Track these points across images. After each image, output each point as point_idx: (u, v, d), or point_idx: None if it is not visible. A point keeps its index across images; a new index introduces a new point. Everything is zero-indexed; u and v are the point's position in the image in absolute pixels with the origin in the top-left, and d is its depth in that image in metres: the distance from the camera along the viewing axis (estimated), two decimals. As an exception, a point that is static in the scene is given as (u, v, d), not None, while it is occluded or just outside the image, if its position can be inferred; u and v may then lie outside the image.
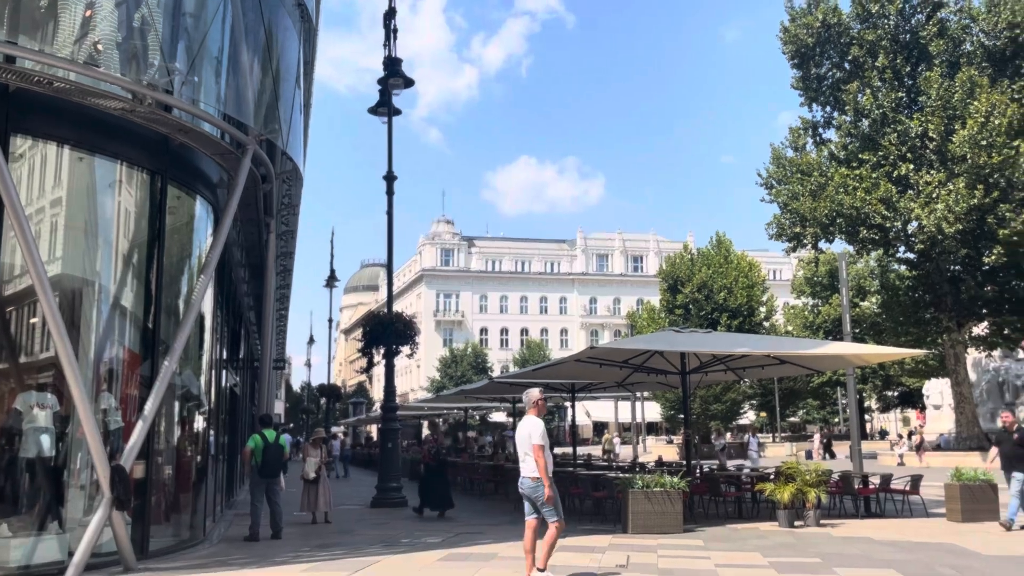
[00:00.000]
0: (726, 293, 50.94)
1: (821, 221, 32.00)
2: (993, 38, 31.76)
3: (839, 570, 8.81)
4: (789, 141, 35.47)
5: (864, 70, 32.62)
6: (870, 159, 31.85)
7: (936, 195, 29.49)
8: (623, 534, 11.91)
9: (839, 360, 17.60)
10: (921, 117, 30.78)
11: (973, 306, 33.21)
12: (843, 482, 14.89)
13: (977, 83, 29.70)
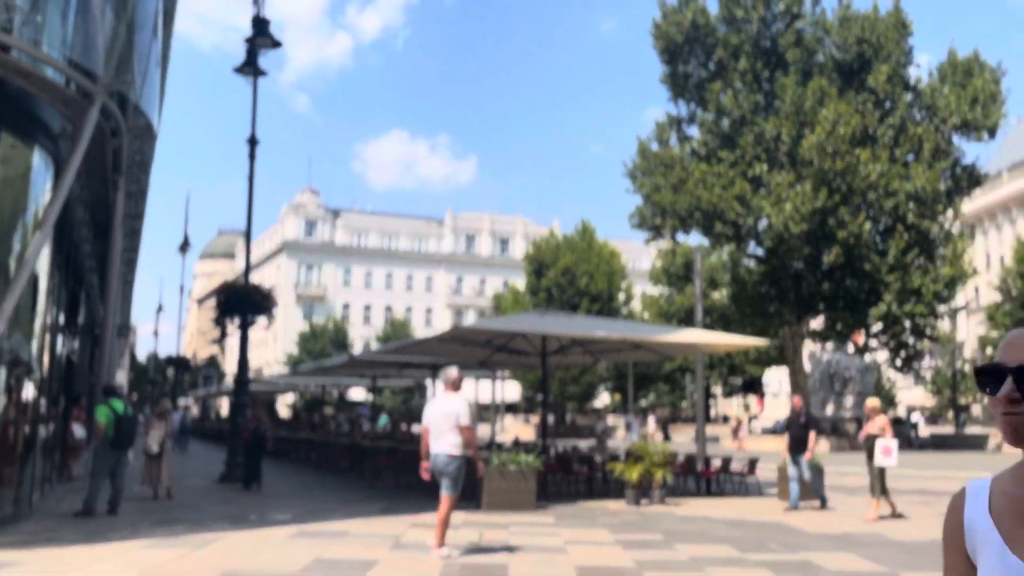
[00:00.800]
0: (588, 279, 52.27)
1: (680, 214, 33.33)
2: (843, 51, 33.94)
3: (679, 546, 9.23)
4: (655, 135, 36.67)
5: (727, 71, 34.12)
6: (728, 157, 33.41)
7: (785, 195, 31.31)
8: (477, 511, 12.02)
9: (690, 347, 18.41)
10: (776, 121, 32.55)
11: (812, 302, 35.55)
12: (687, 463, 15.62)
13: (827, 92, 31.69)
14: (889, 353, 37.81)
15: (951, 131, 33.81)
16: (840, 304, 35.29)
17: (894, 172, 31.70)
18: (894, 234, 32.84)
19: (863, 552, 8.97)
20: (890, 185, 31.30)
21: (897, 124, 33.31)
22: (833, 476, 17.91)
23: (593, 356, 18.52)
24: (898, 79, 34.02)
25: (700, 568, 7.98)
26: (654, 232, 36.07)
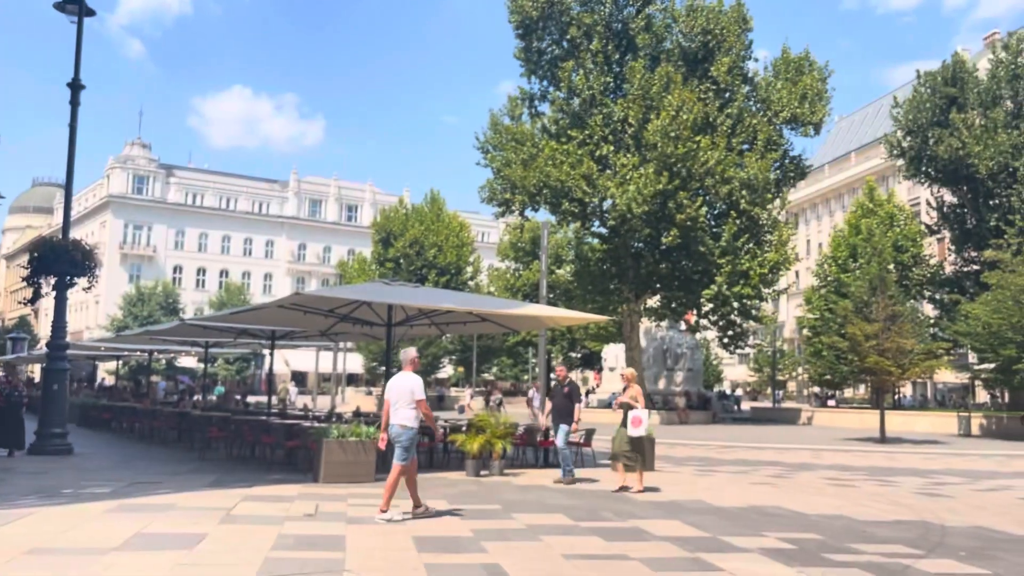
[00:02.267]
0: (436, 250, 52.12)
1: (529, 190, 33.74)
2: (689, 40, 35.29)
3: (516, 515, 9.37)
4: (507, 109, 36.83)
5: (580, 51, 34.69)
6: (578, 136, 34.07)
7: (629, 177, 32.32)
8: (314, 483, 11.71)
9: (534, 321, 18.72)
10: (624, 103, 33.46)
11: (650, 281, 37.06)
12: (527, 434, 15.91)
13: (673, 79, 32.87)
14: (718, 332, 40.10)
15: (782, 124, 36.03)
16: (676, 284, 36.97)
17: (730, 160, 33.42)
18: (727, 219, 34.68)
19: (688, 519, 9.44)
20: (726, 172, 32.98)
21: (735, 114, 35.10)
22: (663, 447, 18.82)
23: (439, 328, 18.45)
24: (738, 71, 35.82)
25: (536, 536, 8.12)
26: (504, 207, 36.36)
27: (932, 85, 38.17)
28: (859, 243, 42.60)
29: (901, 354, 25.43)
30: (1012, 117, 35.81)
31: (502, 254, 64.99)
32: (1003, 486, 14.16)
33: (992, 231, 35.13)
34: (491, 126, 36.26)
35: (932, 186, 40.21)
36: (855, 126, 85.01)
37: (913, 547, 8.00)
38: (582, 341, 60.22)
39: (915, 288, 41.05)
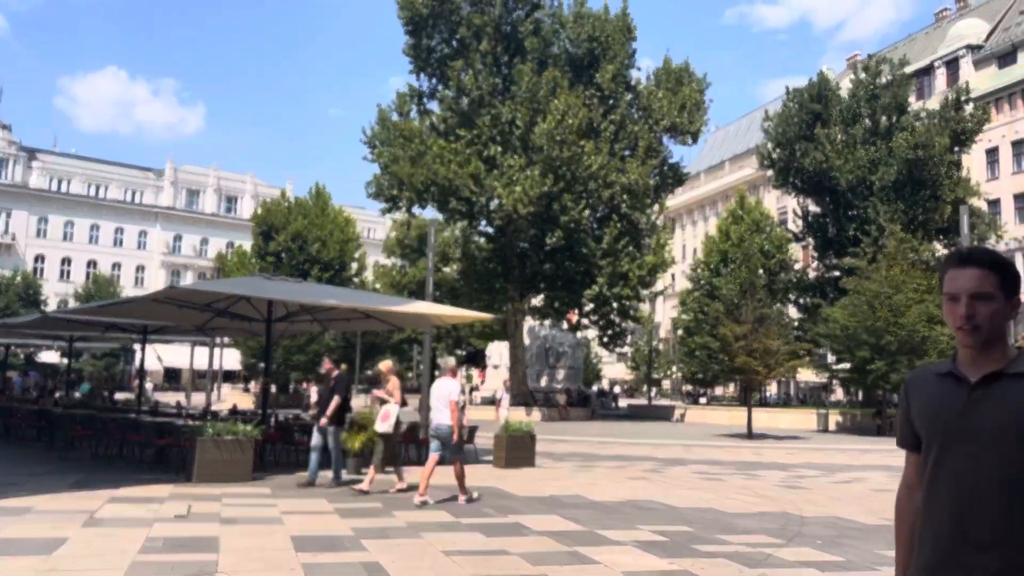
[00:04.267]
0: (320, 245, 51.08)
1: (417, 187, 33.60)
2: (576, 46, 36.01)
3: (397, 513, 9.36)
4: (396, 105, 36.55)
5: (469, 51, 34.81)
6: (466, 136, 34.19)
7: (516, 178, 32.70)
8: (187, 483, 11.31)
9: (420, 319, 18.67)
10: (512, 105, 33.82)
11: (534, 280, 37.61)
12: (410, 432, 15.88)
13: (559, 84, 33.47)
14: (598, 331, 41.08)
15: (662, 132, 37.31)
16: (559, 284, 37.66)
17: (612, 165, 34.32)
18: (609, 222, 35.60)
19: (566, 513, 9.68)
20: (608, 177, 33.85)
21: (618, 121, 36.07)
22: (544, 443, 19.16)
23: (322, 325, 18.13)
24: (621, 79, 36.82)
25: (417, 534, 8.14)
26: (390, 203, 36.06)
27: (800, 101, 40.42)
28: (730, 248, 44.56)
29: (767, 354, 26.81)
30: (870, 134, 38.36)
31: (388, 251, 64.35)
32: (856, 478, 15.18)
33: (851, 240, 37.52)
34: (379, 121, 35.89)
35: (798, 196, 42.56)
36: (730, 136, 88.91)
37: (775, 537, 8.50)
38: (467, 339, 60.42)
39: (781, 292, 43.33)
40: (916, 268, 31.75)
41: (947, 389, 2.05)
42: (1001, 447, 1.92)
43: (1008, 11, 62.08)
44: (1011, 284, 2.05)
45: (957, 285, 2.02)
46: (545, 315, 40.71)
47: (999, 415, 1.94)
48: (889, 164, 36.51)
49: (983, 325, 2.00)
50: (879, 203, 36.64)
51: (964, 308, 2.00)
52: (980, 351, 2.03)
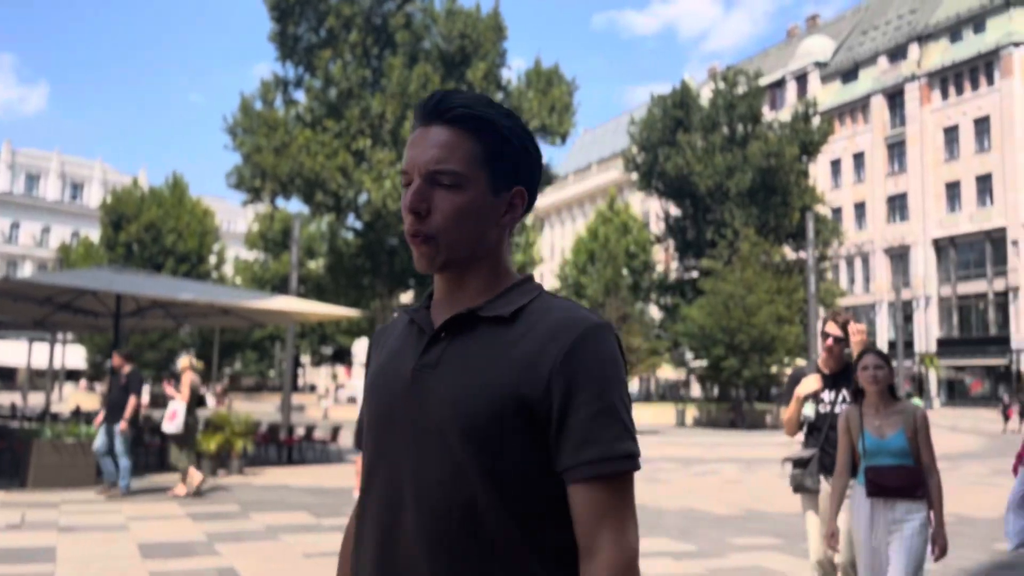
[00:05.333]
0: (176, 237, 48.72)
1: (281, 179, 32.58)
2: (448, 43, 35.92)
3: (255, 515, 9.01)
4: (260, 93, 35.31)
5: (338, 41, 34.06)
6: (334, 127, 33.44)
7: (386, 173, 32.29)
8: (21, 490, 10.47)
9: (283, 315, 18.06)
10: (382, 98, 33.35)
11: (403, 277, 37.28)
12: (270, 432, 15.36)
13: (431, 79, 33.29)
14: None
15: (532, 132, 37.79)
16: (428, 280, 37.49)
17: (483, 163, 34.46)
18: (479, 220, 35.75)
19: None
20: (479, 174, 33.98)
21: (489, 119, 36.25)
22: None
23: (176, 320, 17.24)
24: (492, 78, 37.02)
25: (275, 536, 7.85)
26: (253, 194, 34.79)
27: (663, 107, 41.97)
28: (597, 249, 45.78)
29: (630, 352, 27.68)
30: (727, 142, 40.31)
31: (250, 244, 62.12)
32: (710, 470, 15.87)
33: (708, 242, 39.31)
34: (242, 109, 34.55)
35: (661, 199, 44.20)
36: (597, 139, 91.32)
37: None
38: (333, 336, 59.20)
39: (644, 292, 44.90)
40: (767, 270, 33.61)
41: (407, 346, 1.26)
42: (440, 452, 1.14)
43: (852, 31, 66.80)
44: (496, 156, 1.22)
45: (410, 156, 1.25)
46: (414, 312, 40.44)
47: (446, 393, 1.15)
48: (744, 171, 38.48)
49: (437, 229, 1.21)
50: (735, 208, 38.55)
51: (411, 196, 1.22)
52: (449, 278, 1.26)
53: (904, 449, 3.82)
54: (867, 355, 3.94)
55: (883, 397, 3.93)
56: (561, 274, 48.35)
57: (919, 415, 3.87)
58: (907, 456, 3.82)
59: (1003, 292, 50.23)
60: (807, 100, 43.68)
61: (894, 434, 3.84)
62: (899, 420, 3.87)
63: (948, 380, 52.44)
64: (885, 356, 3.95)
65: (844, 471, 4.00)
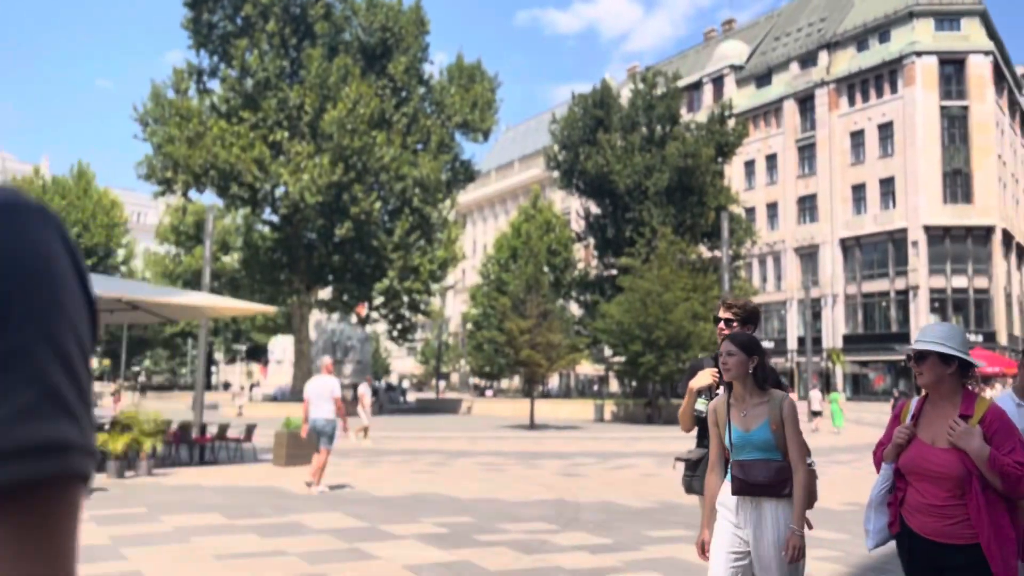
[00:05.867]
0: (82, 229, 46.71)
1: (194, 170, 31.61)
2: (369, 35, 35.47)
3: (164, 518, 8.70)
4: (172, 82, 34.18)
5: (255, 30, 33.24)
6: (250, 118, 32.62)
7: (304, 166, 31.67)
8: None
9: (195, 311, 17.50)
10: (300, 90, 32.69)
11: (322, 272, 36.65)
12: (181, 431, 14.88)
13: (351, 71, 32.81)
14: (388, 325, 40.76)
15: (454, 128, 37.67)
16: (348, 276, 36.96)
17: (404, 158, 34.16)
18: (401, 215, 35.42)
19: (349, 510, 9.46)
20: (400, 169, 33.65)
21: (411, 114, 35.96)
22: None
23: (80, 315, 16.48)
24: (414, 72, 36.74)
25: (185, 539, 7.60)
26: (164, 186, 33.64)
27: (584, 106, 42.41)
28: (519, 246, 45.98)
29: (550, 348, 27.89)
30: (646, 142, 41.01)
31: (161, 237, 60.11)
32: (627, 464, 16.13)
33: (627, 240, 39.92)
34: (153, 98, 33.36)
35: (581, 197, 44.68)
36: (520, 136, 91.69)
37: (552, 523, 8.80)
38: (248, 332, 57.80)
39: (565, 289, 45.31)
40: (684, 268, 34.32)
41: None
42: None
43: (765, 37, 68.85)
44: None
45: None
46: (333, 308, 39.81)
47: None
48: (662, 171, 39.21)
49: None
50: (653, 207, 39.25)
51: None
52: None
53: (769, 442, 3.52)
54: (724, 342, 3.68)
55: (748, 387, 3.61)
56: (483, 270, 48.38)
57: (785, 405, 3.57)
58: (773, 450, 3.53)
59: (904, 291, 52.66)
60: (723, 103, 44.82)
61: (758, 426, 3.55)
62: (764, 411, 3.57)
63: (853, 375, 54.69)
64: (746, 342, 3.61)
65: (715, 468, 3.72)
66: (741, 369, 3.59)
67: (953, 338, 3.16)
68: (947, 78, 54.20)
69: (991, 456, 2.93)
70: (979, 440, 2.97)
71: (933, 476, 3.08)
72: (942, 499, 3.06)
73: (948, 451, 3.06)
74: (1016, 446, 2.96)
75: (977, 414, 3.06)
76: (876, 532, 3.32)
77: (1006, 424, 3.03)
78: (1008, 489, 2.93)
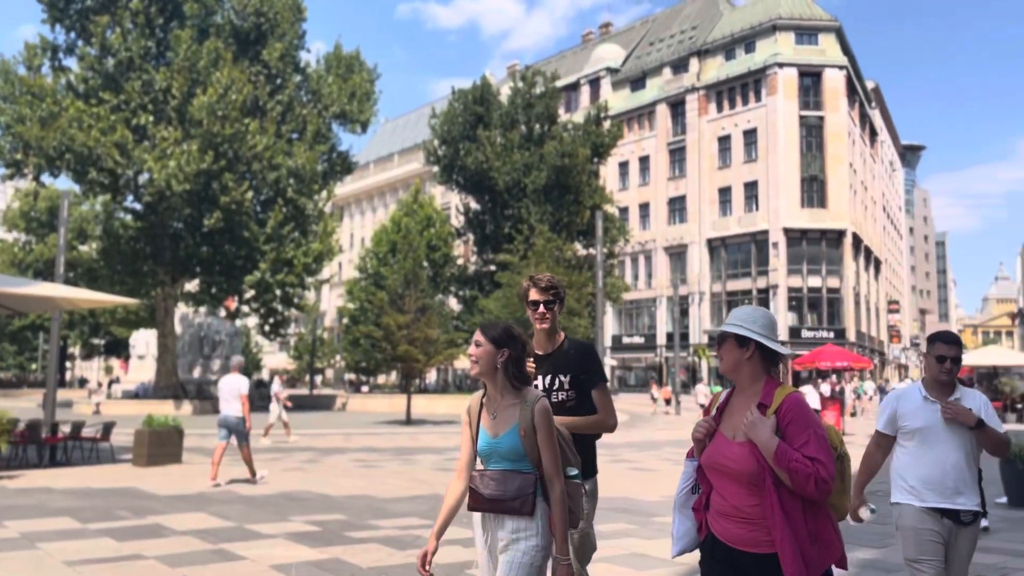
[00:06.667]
0: (-83, 213, 42.91)
1: (48, 152, 29.61)
2: (242, 19, 34.21)
3: (9, 523, 8.12)
4: (24, 58, 31.91)
5: (118, 7, 31.48)
6: (111, 100, 30.87)
7: (170, 152, 30.21)
8: None
9: (47, 302, 16.41)
10: (167, 73, 31.17)
11: (189, 264, 35.09)
12: (29, 431, 13.92)
13: (222, 55, 31.54)
14: (259, 319, 39.51)
15: (331, 118, 36.86)
16: (217, 268, 35.58)
17: (279, 147, 33.16)
18: (274, 206, 34.37)
19: (214, 510, 9.12)
20: (274, 159, 32.65)
21: (286, 102, 34.94)
22: (194, 438, 17.94)
23: (-87, 306, 15.16)
24: (290, 59, 35.70)
25: (32, 545, 7.12)
26: (13, 169, 31.34)
27: (464, 102, 42.46)
28: (398, 240, 45.56)
29: (428, 343, 27.78)
30: (525, 140, 41.49)
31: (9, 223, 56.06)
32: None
33: (506, 237, 40.29)
34: (2, 74, 31.02)
35: (461, 193, 44.73)
36: (399, 129, 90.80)
37: (425, 518, 8.77)
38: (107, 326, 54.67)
39: (444, 284, 45.26)
40: (560, 265, 34.96)
41: None
42: None
43: (640, 41, 70.98)
44: None
45: None
46: (200, 301, 38.21)
47: None
48: (540, 169, 39.77)
49: None
50: (531, 204, 39.77)
51: None
52: None
53: (517, 451, 3.01)
54: (477, 331, 3.16)
55: (500, 385, 3.09)
56: (361, 264, 47.68)
57: (537, 408, 3.02)
58: (522, 459, 3.01)
59: (765, 289, 55.58)
60: (599, 104, 45.92)
61: (506, 431, 3.04)
62: (514, 415, 3.04)
63: (717, 369, 57.30)
64: (497, 334, 3.10)
65: (461, 474, 3.18)
66: (488, 363, 3.08)
67: (753, 320, 2.79)
68: (806, 89, 57.55)
69: (778, 449, 2.54)
70: (768, 431, 2.58)
71: (730, 474, 2.67)
72: (740, 500, 2.65)
73: (743, 445, 2.65)
74: (810, 439, 2.57)
75: (775, 403, 2.66)
76: (679, 537, 2.91)
77: (803, 414, 2.62)
78: (797, 488, 2.53)
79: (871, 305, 65.04)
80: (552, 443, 3.02)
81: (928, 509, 3.85)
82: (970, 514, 3.86)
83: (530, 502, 2.97)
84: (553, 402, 3.58)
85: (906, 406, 4.03)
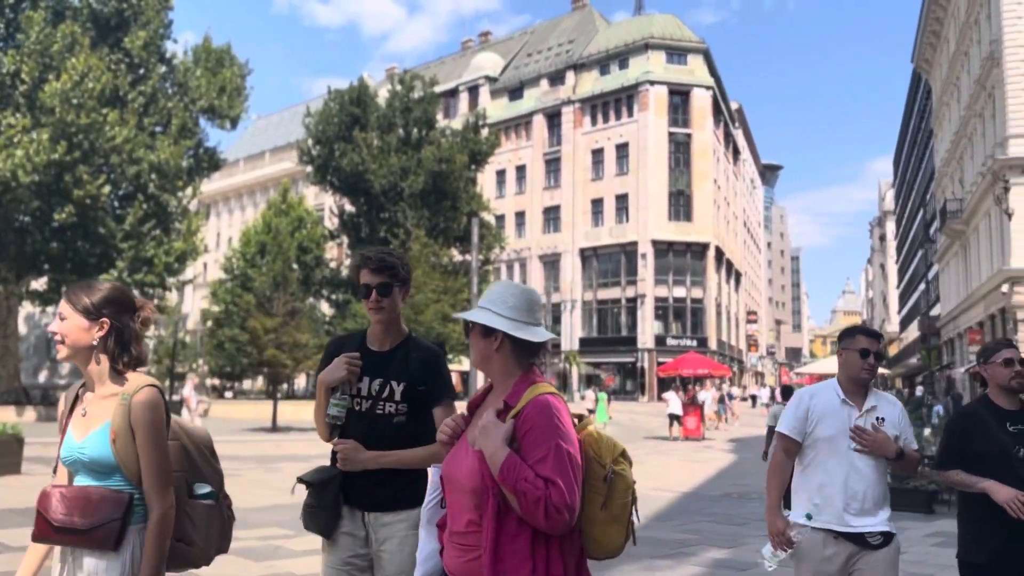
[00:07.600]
0: None
1: None
2: (102, 3, 32.40)
3: None
4: None
5: (-39, -18, 29.16)
6: (-50, 82, 28.53)
7: (18, 140, 28.20)
8: None
9: None
10: (16, 56, 29.11)
11: (36, 260, 32.83)
12: None
13: (79, 41, 29.75)
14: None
15: (199, 113, 35.35)
16: (69, 266, 33.43)
17: (140, 140, 31.54)
18: (134, 202, 32.67)
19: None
20: (135, 152, 31.02)
21: (149, 93, 33.27)
22: (37, 448, 16.76)
23: None
24: (154, 49, 34.01)
25: None
26: None
27: (340, 102, 41.74)
28: (268, 240, 44.20)
29: (297, 347, 27.09)
30: (402, 143, 41.20)
31: None
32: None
33: (382, 240, 39.82)
34: None
35: (335, 194, 43.89)
36: (272, 127, 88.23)
37: (287, 528, 8.53)
38: (-59, 327, 50.31)
39: (315, 287, 44.25)
40: (436, 271, 34.90)
41: None
42: None
43: (519, 52, 71.97)
44: None
45: None
46: (48, 300, 35.73)
47: None
48: (418, 174, 39.58)
49: None
50: (408, 208, 39.50)
51: None
52: None
53: (105, 461, 2.28)
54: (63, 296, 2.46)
55: (97, 370, 2.36)
56: (227, 265, 45.94)
57: (137, 400, 2.28)
58: (112, 473, 2.28)
59: (633, 298, 57.42)
60: (477, 112, 46.20)
61: (93, 433, 2.32)
62: (107, 410, 2.32)
63: (587, 375, 58.63)
64: (89, 297, 2.36)
65: None
66: (78, 341, 2.31)
67: (503, 301, 2.22)
68: (675, 107, 59.94)
69: (505, 463, 2.00)
70: (499, 439, 2.04)
71: (460, 488, 2.15)
72: (464, 522, 2.13)
73: (475, 454, 2.10)
74: (549, 455, 2.02)
75: (519, 405, 2.12)
76: (423, 561, 2.41)
77: (546, 422, 2.07)
78: (526, 514, 1.99)
79: (731, 315, 68.32)
80: (157, 449, 2.27)
81: (829, 532, 3.27)
82: (879, 536, 3.26)
83: (114, 534, 2.21)
84: (378, 414, 2.92)
85: (820, 408, 3.37)
